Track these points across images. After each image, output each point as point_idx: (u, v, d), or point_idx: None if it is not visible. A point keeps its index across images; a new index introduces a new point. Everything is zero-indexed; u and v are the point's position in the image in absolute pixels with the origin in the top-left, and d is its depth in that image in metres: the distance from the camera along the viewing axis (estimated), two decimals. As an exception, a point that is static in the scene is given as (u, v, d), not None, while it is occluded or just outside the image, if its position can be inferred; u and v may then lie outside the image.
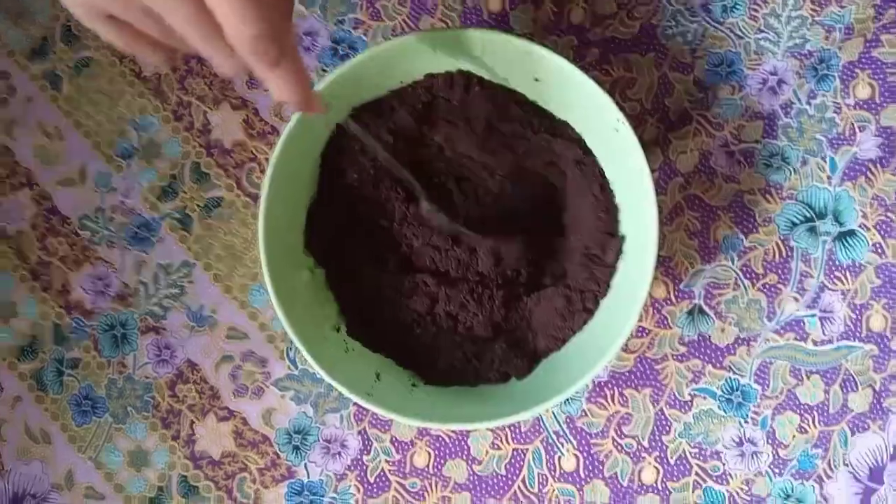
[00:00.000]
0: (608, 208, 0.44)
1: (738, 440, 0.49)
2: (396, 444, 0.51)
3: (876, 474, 0.49)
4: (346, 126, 0.44)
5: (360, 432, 0.51)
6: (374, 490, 0.51)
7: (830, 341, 0.49)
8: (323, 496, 0.51)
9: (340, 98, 0.44)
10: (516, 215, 0.46)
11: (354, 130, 0.43)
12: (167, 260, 0.53)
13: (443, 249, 0.46)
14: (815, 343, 0.49)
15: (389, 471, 0.51)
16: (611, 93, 0.43)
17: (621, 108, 0.42)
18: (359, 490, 0.51)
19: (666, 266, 0.50)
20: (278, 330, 0.52)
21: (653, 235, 0.40)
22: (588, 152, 0.45)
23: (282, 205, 0.44)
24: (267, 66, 0.31)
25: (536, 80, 0.44)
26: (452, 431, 0.51)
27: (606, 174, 0.45)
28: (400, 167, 0.43)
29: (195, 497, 0.52)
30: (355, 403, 0.51)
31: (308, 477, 0.51)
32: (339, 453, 0.51)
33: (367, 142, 0.43)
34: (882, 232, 0.49)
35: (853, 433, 0.49)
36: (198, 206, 0.53)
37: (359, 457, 0.51)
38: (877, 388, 0.49)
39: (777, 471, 0.49)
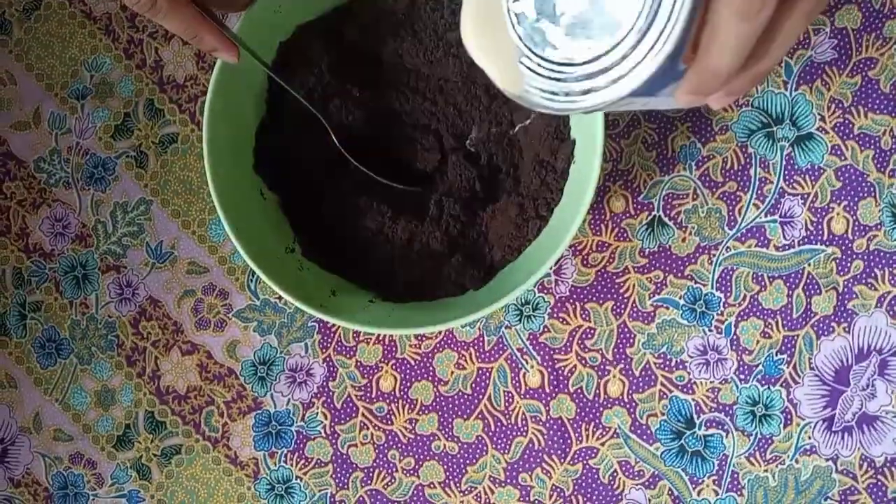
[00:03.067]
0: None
1: (702, 349, 0.49)
2: (362, 368, 0.51)
3: (842, 376, 0.48)
4: (268, 73, 0.44)
5: (325, 360, 0.51)
6: (342, 416, 0.51)
7: (792, 246, 0.49)
8: (291, 425, 0.51)
9: (284, 16, 0.44)
10: (467, 126, 0.46)
11: (275, 77, 0.43)
12: (124, 198, 0.53)
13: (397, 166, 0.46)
14: (776, 248, 0.49)
15: (356, 396, 0.51)
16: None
17: None
18: (326, 417, 0.51)
19: (624, 179, 0.50)
20: (238, 262, 0.52)
21: (599, 134, 0.40)
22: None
23: (226, 128, 0.43)
24: (143, 9, 0.35)
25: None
26: (417, 354, 0.50)
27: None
28: (312, 108, 0.43)
29: (163, 432, 0.52)
30: (319, 332, 0.51)
31: (275, 407, 0.51)
32: (305, 382, 0.51)
33: (289, 88, 0.43)
34: (841, 134, 0.49)
35: (818, 336, 0.49)
36: (153, 143, 0.53)
37: (324, 384, 0.51)
38: (840, 290, 0.49)
39: (743, 377, 0.49)
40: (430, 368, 0.50)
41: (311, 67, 0.45)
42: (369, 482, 0.51)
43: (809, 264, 0.49)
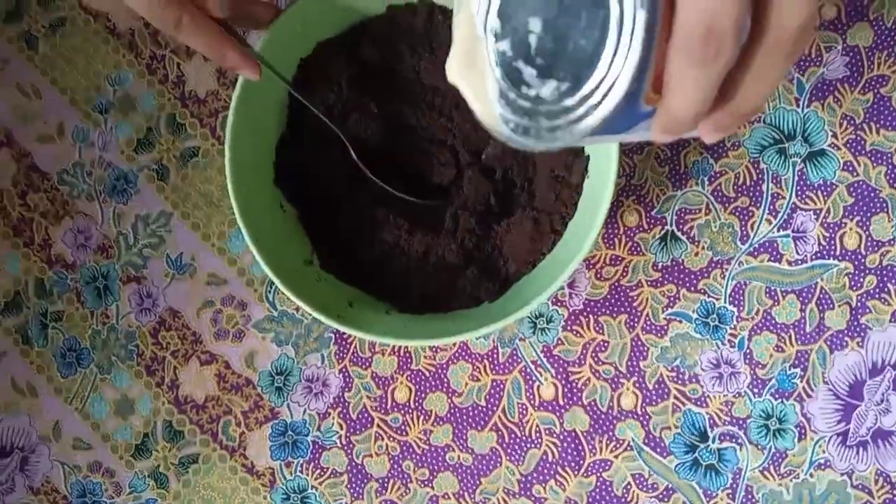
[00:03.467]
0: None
1: (715, 362, 0.49)
2: (377, 380, 0.51)
3: (856, 391, 0.49)
4: (289, 90, 0.45)
5: (341, 371, 0.52)
6: (357, 427, 0.51)
7: (804, 261, 0.49)
8: (307, 435, 0.52)
9: (305, 33, 0.45)
10: (483, 141, 0.46)
11: (295, 93, 0.44)
12: (145, 211, 0.54)
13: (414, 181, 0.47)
14: (789, 263, 0.49)
15: (371, 407, 0.51)
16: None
17: None
18: (342, 427, 0.51)
19: (637, 194, 0.51)
20: (257, 274, 0.52)
21: (614, 150, 0.41)
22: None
23: (248, 143, 0.44)
24: (168, 28, 0.36)
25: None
26: (432, 365, 0.51)
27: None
28: (331, 124, 0.44)
29: (181, 441, 0.52)
30: (336, 342, 0.52)
31: (291, 417, 0.52)
32: (321, 392, 0.52)
33: (309, 105, 0.44)
34: (853, 150, 0.49)
35: (832, 351, 0.49)
36: (174, 156, 0.54)
37: (340, 395, 0.52)
38: (853, 305, 0.49)
39: (756, 391, 0.49)
40: (445, 380, 0.51)
41: (330, 84, 0.46)
42: (384, 492, 0.51)
43: (822, 279, 0.49)
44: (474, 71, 0.27)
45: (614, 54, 0.24)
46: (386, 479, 0.51)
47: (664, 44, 0.24)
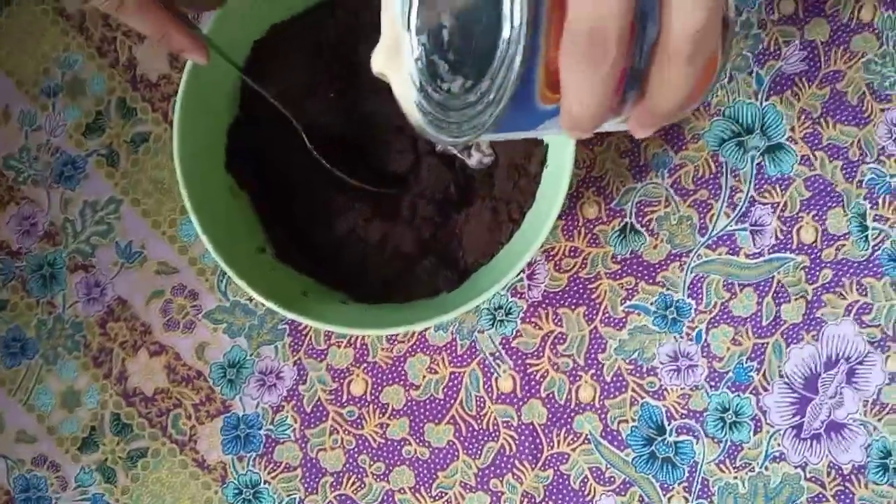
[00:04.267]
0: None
1: (673, 355, 0.49)
2: (333, 372, 0.50)
3: (811, 384, 0.49)
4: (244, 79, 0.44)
5: (295, 363, 0.51)
6: (312, 420, 0.50)
7: (762, 254, 0.49)
8: (260, 429, 0.51)
9: (259, 14, 0.44)
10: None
11: (247, 78, 0.43)
12: (94, 197, 0.52)
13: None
14: (747, 256, 0.49)
15: (326, 400, 0.50)
16: None
17: None
18: (296, 420, 0.50)
19: (597, 185, 0.50)
20: (209, 263, 0.51)
21: (571, 140, 0.40)
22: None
23: (198, 127, 0.43)
24: (110, 8, 0.34)
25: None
26: (389, 357, 0.50)
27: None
28: (283, 109, 0.43)
29: (129, 434, 0.51)
30: (290, 334, 0.50)
31: (244, 410, 0.51)
32: (275, 385, 0.51)
33: (260, 89, 0.43)
34: (810, 144, 0.50)
35: (787, 345, 0.49)
36: (124, 141, 0.52)
37: (294, 387, 0.50)
38: (809, 298, 0.49)
39: (713, 384, 0.49)
40: (402, 372, 0.50)
41: (284, 67, 0.45)
42: (339, 487, 0.50)
43: (779, 273, 0.49)
44: (399, 62, 0.27)
45: (503, 57, 0.24)
46: (341, 474, 0.50)
47: (557, 45, 0.25)
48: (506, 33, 0.24)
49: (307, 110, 0.46)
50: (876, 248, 0.49)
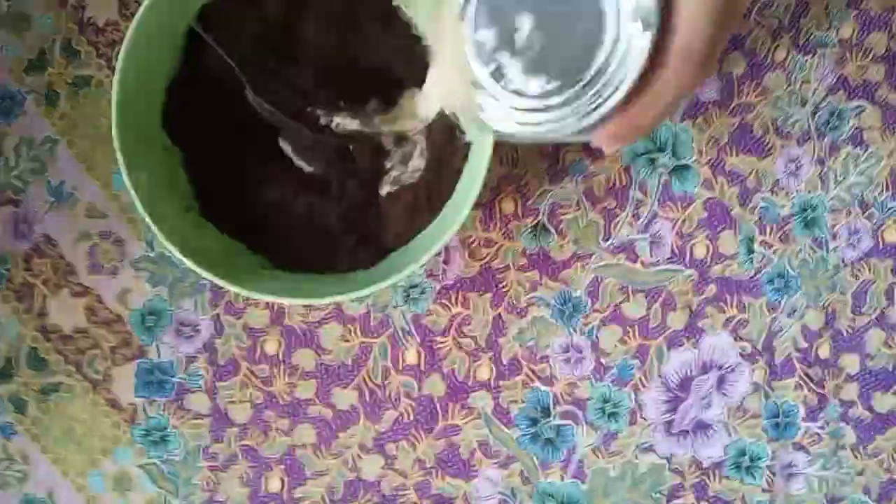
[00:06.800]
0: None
1: (565, 347, 0.54)
2: (248, 330, 0.53)
3: (685, 386, 0.54)
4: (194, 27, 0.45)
5: (213, 318, 0.53)
6: (223, 373, 0.53)
7: (657, 264, 0.54)
8: (173, 376, 0.53)
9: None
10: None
11: (198, 30, 0.44)
12: (30, 134, 0.53)
13: (305, 140, 0.48)
14: (643, 264, 0.54)
15: (240, 356, 0.53)
16: None
17: None
18: (208, 372, 0.53)
19: (517, 183, 0.54)
20: (138, 213, 0.52)
21: (488, 143, 0.43)
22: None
23: (140, 80, 0.44)
24: None
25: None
26: (304, 322, 0.53)
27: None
28: (233, 63, 0.44)
29: (44, 369, 0.53)
30: (210, 290, 0.53)
31: (159, 357, 0.53)
32: (192, 337, 0.53)
33: (209, 40, 0.44)
34: (714, 169, 0.54)
35: (669, 348, 0.54)
36: (66, 82, 0.53)
37: (210, 341, 0.53)
38: (694, 308, 0.54)
39: (598, 376, 0.54)
40: (316, 338, 0.53)
41: (231, 34, 0.46)
42: (244, 438, 0.53)
43: (670, 282, 0.54)
44: (456, 57, 0.29)
45: (614, 68, 0.27)
46: (247, 427, 0.53)
47: None
48: (617, 33, 0.26)
49: (249, 78, 0.47)
50: (759, 270, 0.54)
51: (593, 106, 0.28)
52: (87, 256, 0.53)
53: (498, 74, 0.28)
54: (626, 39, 0.27)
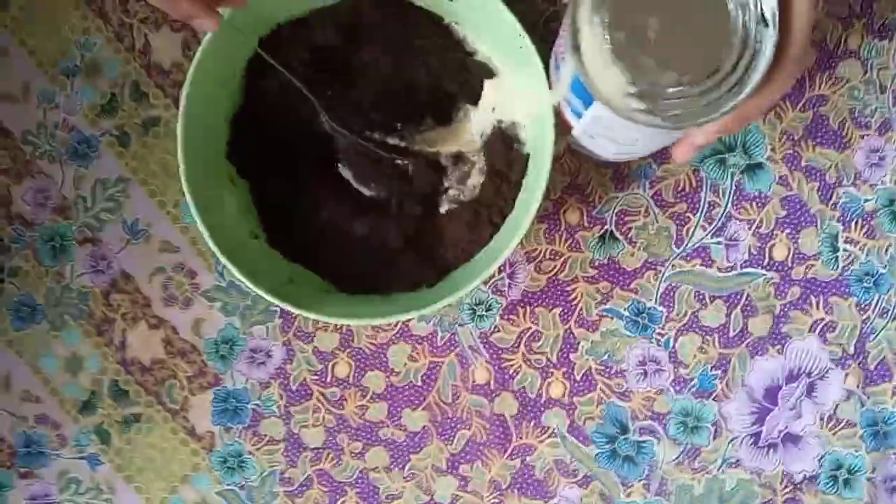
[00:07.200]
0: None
1: (641, 359, 0.52)
2: (318, 354, 0.53)
3: (771, 396, 0.51)
4: (260, 52, 0.46)
5: (284, 343, 0.53)
6: (296, 397, 0.53)
7: (734, 268, 0.52)
8: (247, 403, 0.54)
9: (265, 14, 0.46)
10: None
11: (265, 56, 0.45)
12: (105, 175, 0.55)
13: (364, 163, 0.48)
14: (719, 269, 0.52)
15: (311, 380, 0.53)
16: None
17: (545, 42, 0.43)
18: (281, 397, 0.53)
19: (580, 193, 0.52)
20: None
21: (548, 153, 0.42)
22: (495, 72, 0.47)
23: (203, 116, 0.46)
24: None
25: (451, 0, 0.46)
26: (372, 344, 0.53)
27: (514, 91, 0.47)
28: (302, 86, 0.45)
29: (125, 400, 0.54)
30: (281, 316, 0.53)
31: (234, 384, 0.54)
32: (264, 363, 0.54)
33: (276, 64, 0.45)
34: (789, 165, 0.52)
35: (752, 356, 0.51)
36: (136, 123, 0.55)
37: (282, 366, 0.53)
38: (776, 313, 0.51)
39: (678, 389, 0.51)
40: (384, 359, 0.53)
41: (287, 65, 0.47)
42: (318, 462, 0.53)
43: (749, 287, 0.51)
44: (599, 63, 0.33)
45: (745, 63, 0.32)
46: (320, 450, 0.53)
47: None
48: (744, 33, 0.31)
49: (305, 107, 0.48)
50: (845, 269, 0.51)
51: (725, 98, 0.32)
52: (161, 289, 0.54)
53: (634, 71, 0.32)
54: (753, 38, 0.32)
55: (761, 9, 0.32)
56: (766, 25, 0.31)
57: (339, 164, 0.50)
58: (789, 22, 0.32)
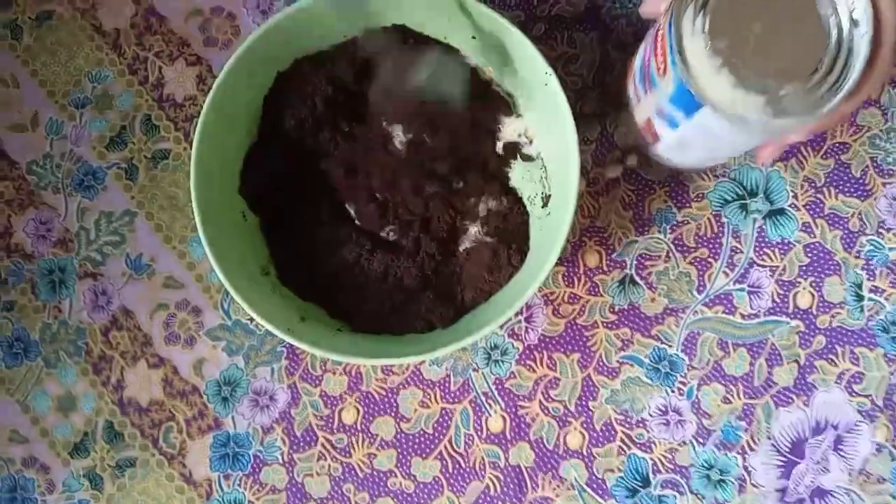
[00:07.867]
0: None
1: (663, 409, 0.50)
2: (326, 398, 0.51)
3: (798, 448, 0.49)
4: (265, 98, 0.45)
5: (289, 386, 0.51)
6: (301, 444, 0.51)
7: (757, 316, 0.50)
8: (249, 449, 0.51)
9: (284, 49, 0.46)
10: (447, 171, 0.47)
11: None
12: (110, 208, 0.53)
13: (379, 202, 0.47)
14: (742, 317, 0.50)
15: (317, 426, 0.51)
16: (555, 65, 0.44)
17: (563, 83, 0.42)
18: (285, 443, 0.51)
19: (600, 236, 0.51)
20: (214, 281, 0.52)
21: (573, 194, 0.41)
22: (517, 110, 0.46)
23: (216, 149, 0.44)
24: None
25: (473, 37, 0.45)
26: (382, 388, 0.51)
27: (536, 131, 0.46)
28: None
29: (119, 444, 0.51)
30: (287, 357, 0.51)
31: (235, 429, 0.51)
32: (268, 406, 0.51)
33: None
34: (812, 212, 0.51)
35: (777, 407, 0.49)
36: (145, 156, 0.54)
37: (287, 410, 0.51)
38: (802, 363, 0.50)
39: (701, 441, 0.49)
40: (395, 404, 0.51)
41: (304, 99, 0.47)
42: (322, 514, 0.50)
43: (773, 335, 0.50)
44: (704, 65, 0.34)
45: (840, 65, 0.33)
46: (325, 501, 0.50)
47: None
48: (839, 36, 0.33)
49: (321, 141, 0.47)
50: (870, 318, 0.50)
51: (826, 97, 0.33)
52: (163, 327, 0.52)
53: (741, 75, 0.33)
54: (847, 38, 0.33)
55: (852, 10, 0.33)
56: (858, 25, 0.33)
57: (347, 204, 0.49)
58: (876, 25, 0.34)
